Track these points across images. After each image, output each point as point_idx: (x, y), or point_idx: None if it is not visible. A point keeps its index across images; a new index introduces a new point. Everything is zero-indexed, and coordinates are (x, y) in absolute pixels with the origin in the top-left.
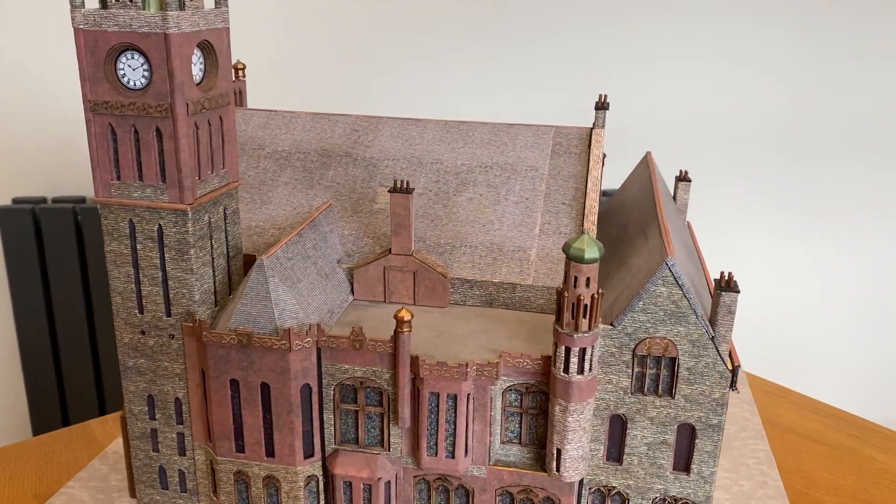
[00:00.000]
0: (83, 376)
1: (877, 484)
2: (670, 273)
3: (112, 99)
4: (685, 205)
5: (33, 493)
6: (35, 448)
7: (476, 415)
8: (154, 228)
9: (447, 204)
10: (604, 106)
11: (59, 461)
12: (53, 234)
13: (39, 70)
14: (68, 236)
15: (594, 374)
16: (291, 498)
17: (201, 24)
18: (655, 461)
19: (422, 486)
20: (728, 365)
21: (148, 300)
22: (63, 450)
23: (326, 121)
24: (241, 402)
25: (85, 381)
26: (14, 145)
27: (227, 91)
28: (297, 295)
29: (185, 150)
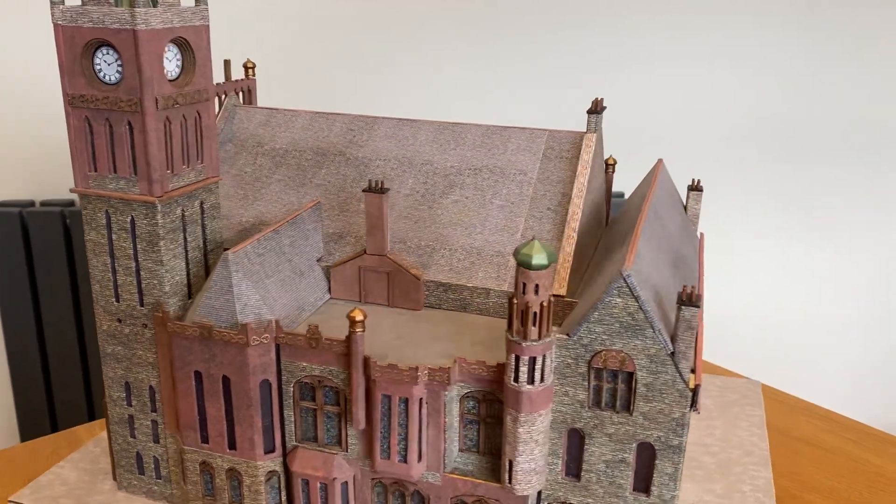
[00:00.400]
0: (72, 380)
1: (871, 488)
2: (625, 284)
3: (87, 93)
4: (696, 215)
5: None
6: (22, 454)
7: (430, 420)
8: (127, 220)
9: (432, 206)
10: (597, 110)
11: (45, 467)
12: (41, 238)
13: (25, 72)
14: (56, 239)
15: (547, 385)
16: (252, 492)
17: (175, 21)
18: (614, 480)
19: (379, 490)
20: (688, 383)
21: (123, 289)
22: (51, 456)
23: (325, 120)
24: (205, 393)
25: (74, 384)
26: (1, 148)
27: (205, 87)
28: (263, 291)
29: (153, 143)
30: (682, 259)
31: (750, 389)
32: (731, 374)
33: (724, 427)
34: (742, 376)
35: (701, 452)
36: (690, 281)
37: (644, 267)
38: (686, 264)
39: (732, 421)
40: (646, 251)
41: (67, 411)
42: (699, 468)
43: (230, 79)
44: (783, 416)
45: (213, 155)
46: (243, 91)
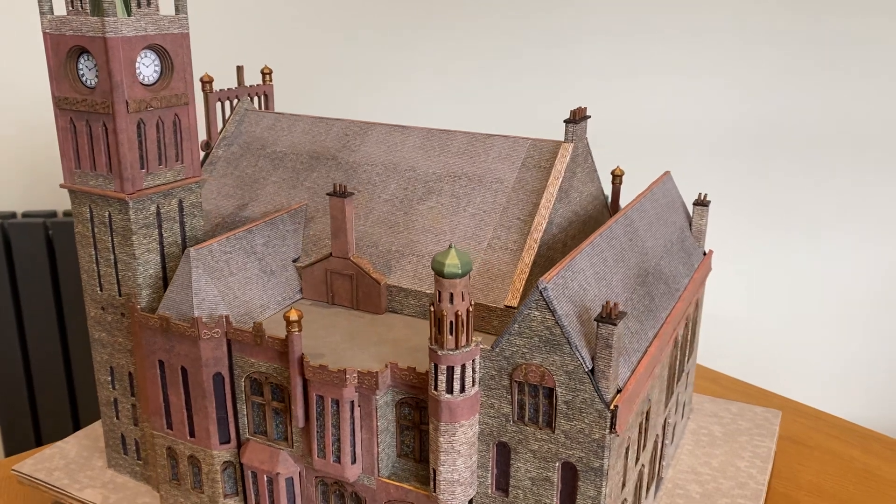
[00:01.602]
0: (56, 392)
1: (858, 484)
2: (542, 297)
3: (71, 95)
4: (701, 230)
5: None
6: (5, 468)
7: (363, 423)
8: (105, 214)
9: (408, 211)
10: (575, 119)
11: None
12: (24, 249)
13: (7, 86)
14: (39, 251)
15: (469, 396)
16: (210, 480)
17: (150, 30)
18: (540, 499)
19: (323, 488)
20: (607, 403)
21: (105, 279)
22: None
23: (324, 125)
24: (167, 382)
25: (58, 396)
26: None
27: (183, 92)
28: (224, 287)
29: (124, 143)
30: (658, 275)
31: (766, 419)
32: (755, 394)
33: (724, 456)
34: (762, 405)
35: (690, 481)
36: (664, 298)
37: (579, 281)
38: (662, 280)
39: (735, 451)
40: (588, 265)
41: (52, 422)
42: (682, 497)
43: (243, 84)
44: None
45: (194, 156)
46: (259, 96)
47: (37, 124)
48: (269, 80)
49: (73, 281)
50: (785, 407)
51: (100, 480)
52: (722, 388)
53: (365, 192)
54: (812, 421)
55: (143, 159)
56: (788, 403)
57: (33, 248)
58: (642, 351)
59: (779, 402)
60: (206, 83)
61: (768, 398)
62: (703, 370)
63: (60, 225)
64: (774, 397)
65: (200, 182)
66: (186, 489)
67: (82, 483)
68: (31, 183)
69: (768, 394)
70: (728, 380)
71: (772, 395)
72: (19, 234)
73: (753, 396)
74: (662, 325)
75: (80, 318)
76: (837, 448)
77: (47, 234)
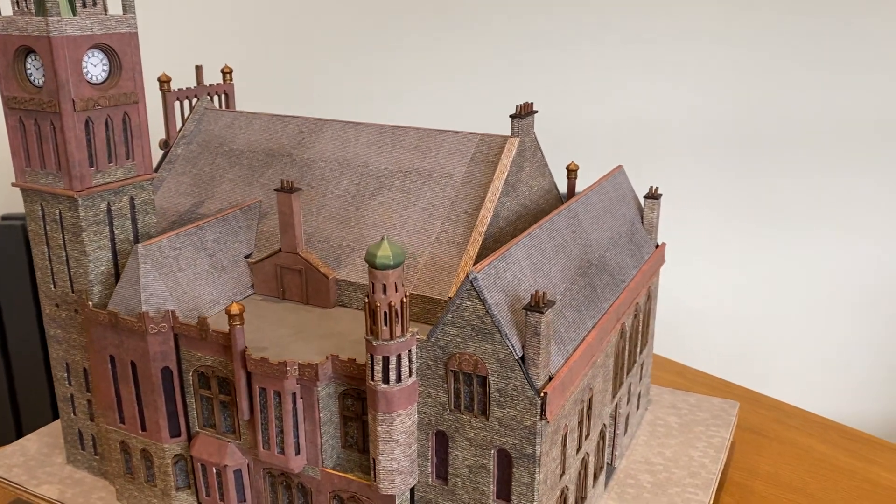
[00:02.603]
0: (37, 394)
1: (814, 473)
2: (472, 287)
3: (19, 95)
4: (652, 224)
5: None
6: None
7: (306, 415)
8: (56, 212)
9: (360, 207)
10: (520, 114)
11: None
12: (3, 252)
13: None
14: (18, 254)
15: (405, 386)
16: (162, 473)
17: (96, 29)
18: (477, 486)
19: (271, 480)
20: (537, 390)
21: (58, 276)
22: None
23: (280, 122)
24: (118, 377)
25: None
26: None
27: (133, 91)
28: (173, 283)
29: (71, 141)
30: (602, 266)
31: (724, 410)
32: (720, 386)
33: (678, 447)
34: (724, 396)
35: (642, 470)
36: (607, 289)
37: (513, 272)
38: (607, 272)
39: (690, 441)
40: (524, 256)
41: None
42: (633, 486)
43: (202, 83)
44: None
45: (145, 154)
46: (219, 95)
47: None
48: (229, 79)
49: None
50: (747, 398)
51: (58, 476)
52: (687, 381)
53: (318, 188)
54: (772, 412)
55: (93, 157)
56: (750, 395)
57: (12, 251)
58: (579, 340)
59: (741, 392)
60: (163, 82)
61: (731, 389)
62: (669, 363)
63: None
64: (737, 388)
65: (152, 179)
66: (140, 483)
67: (40, 479)
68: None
69: (732, 385)
70: (693, 372)
71: (735, 387)
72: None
73: (717, 388)
74: (603, 316)
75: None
76: (796, 438)
77: (26, 237)
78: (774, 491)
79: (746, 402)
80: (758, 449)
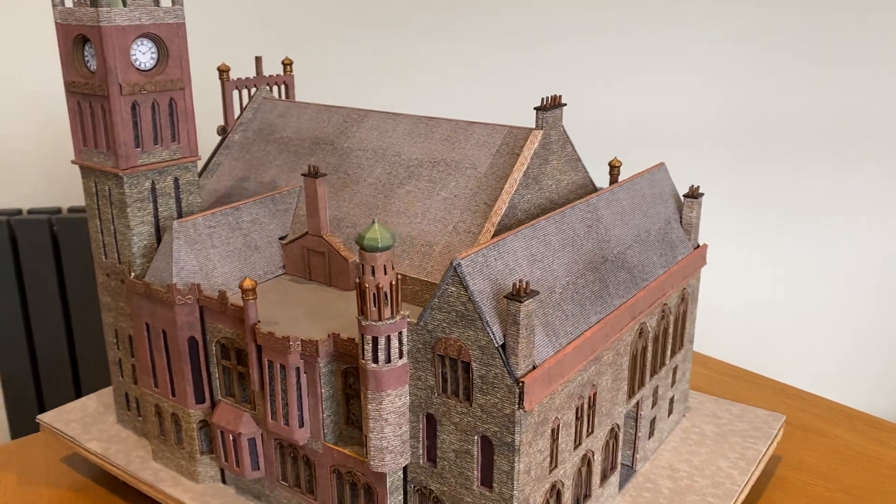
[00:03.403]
0: (61, 384)
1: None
2: (456, 273)
3: (77, 80)
4: (691, 224)
5: (11, 493)
6: (14, 451)
7: (309, 390)
8: (106, 188)
9: (388, 195)
10: (545, 107)
11: (35, 461)
12: (29, 245)
13: (13, 83)
14: (44, 246)
15: (395, 367)
16: (188, 437)
17: (143, 19)
18: (462, 471)
19: (280, 450)
20: (515, 378)
21: (108, 248)
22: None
23: (327, 112)
24: (152, 344)
25: (63, 387)
26: None
27: (179, 77)
28: (205, 259)
29: (117, 123)
30: (620, 263)
31: (766, 422)
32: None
33: (708, 455)
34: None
35: (663, 476)
36: (623, 286)
37: (506, 261)
38: (625, 269)
39: (722, 451)
40: (523, 247)
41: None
42: (650, 491)
43: (261, 73)
44: (756, 396)
45: (191, 137)
46: (279, 85)
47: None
48: (289, 70)
49: (78, 275)
50: (769, 387)
51: (107, 434)
52: (730, 379)
53: (353, 175)
54: (796, 401)
55: (139, 138)
56: (772, 384)
57: (39, 244)
58: (576, 334)
59: (764, 382)
60: (223, 72)
61: (756, 380)
62: (712, 361)
63: (65, 221)
64: (761, 379)
65: (196, 161)
66: (171, 445)
67: (91, 435)
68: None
69: (756, 376)
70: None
71: (759, 377)
72: (25, 229)
73: (741, 378)
74: (612, 313)
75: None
76: (819, 426)
77: (52, 230)
78: (802, 476)
79: (766, 389)
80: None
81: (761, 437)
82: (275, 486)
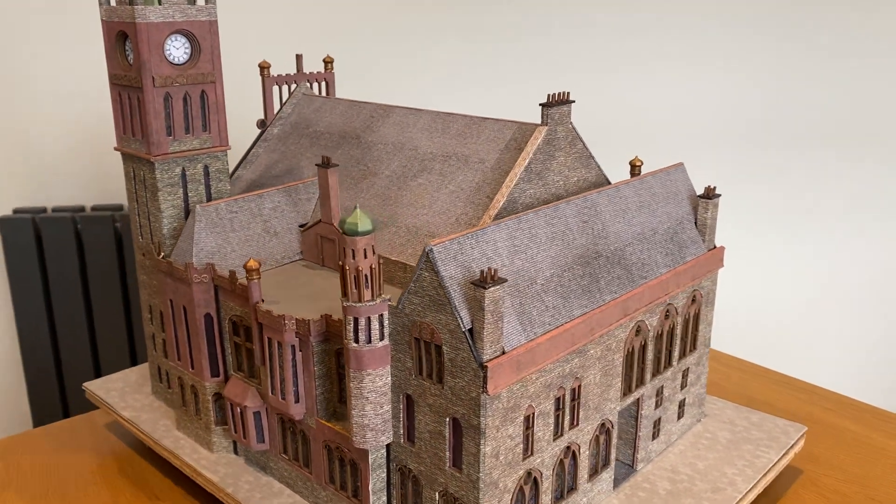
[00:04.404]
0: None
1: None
2: (429, 259)
3: (118, 72)
4: (705, 224)
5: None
6: (41, 437)
7: (303, 367)
8: (141, 173)
9: (401, 187)
10: (550, 104)
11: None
12: (53, 243)
13: (38, 85)
14: (68, 244)
15: (375, 347)
16: (204, 408)
17: (177, 17)
18: (436, 451)
19: (281, 425)
20: (480, 363)
21: (143, 228)
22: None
23: (356, 108)
24: (175, 319)
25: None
26: (15, 158)
27: (210, 71)
28: (223, 241)
29: (149, 113)
30: (617, 260)
31: (784, 432)
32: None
33: (715, 461)
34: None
35: (663, 478)
36: (617, 282)
37: (483, 250)
38: (622, 266)
39: (730, 458)
40: (504, 237)
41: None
42: (645, 491)
43: (301, 70)
44: (765, 389)
45: (221, 128)
46: (319, 82)
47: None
48: (330, 68)
49: (100, 272)
50: (781, 382)
51: (141, 403)
52: (749, 376)
53: (372, 167)
54: (807, 395)
55: (170, 128)
56: (784, 379)
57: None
58: (554, 325)
59: (776, 377)
60: (263, 69)
61: (767, 374)
62: (724, 357)
63: (88, 219)
64: (772, 374)
65: (226, 151)
66: (191, 415)
67: (127, 403)
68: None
69: (766, 370)
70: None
71: (770, 372)
72: (49, 227)
73: (748, 372)
74: (601, 307)
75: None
76: (830, 420)
77: (76, 228)
78: (811, 466)
79: (779, 384)
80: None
81: (775, 447)
82: (278, 459)
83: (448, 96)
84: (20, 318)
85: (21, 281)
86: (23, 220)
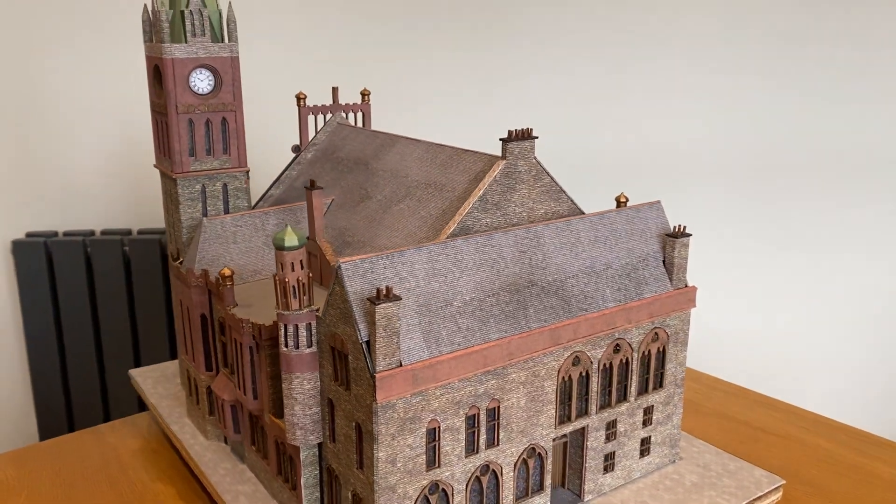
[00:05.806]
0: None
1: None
2: (337, 275)
3: (155, 101)
4: (673, 262)
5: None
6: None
7: (259, 367)
8: (169, 188)
9: (386, 211)
10: (509, 139)
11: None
12: (64, 266)
13: (54, 112)
14: (78, 267)
15: (302, 353)
16: (202, 399)
17: (200, 53)
18: (349, 453)
19: (251, 419)
20: (372, 373)
21: (174, 235)
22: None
23: (372, 137)
24: (183, 317)
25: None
26: (28, 183)
27: (230, 101)
28: (225, 252)
29: (173, 136)
30: (554, 292)
31: (756, 483)
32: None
33: (669, 502)
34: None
35: None
36: (547, 312)
37: (397, 270)
38: (559, 297)
39: (688, 500)
40: (424, 260)
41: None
42: None
43: (337, 101)
44: (745, 409)
45: (240, 151)
46: (355, 113)
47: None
48: (366, 100)
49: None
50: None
51: (168, 391)
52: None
53: (369, 192)
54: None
55: (193, 149)
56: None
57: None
58: (464, 346)
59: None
60: (300, 99)
61: (747, 395)
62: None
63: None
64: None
65: (246, 172)
66: (194, 405)
67: (156, 391)
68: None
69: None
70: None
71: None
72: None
73: (731, 394)
74: (523, 334)
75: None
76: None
77: (86, 251)
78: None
79: (757, 404)
80: (765, 446)
81: (742, 497)
82: (250, 450)
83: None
84: (30, 339)
85: (32, 303)
86: (35, 244)
